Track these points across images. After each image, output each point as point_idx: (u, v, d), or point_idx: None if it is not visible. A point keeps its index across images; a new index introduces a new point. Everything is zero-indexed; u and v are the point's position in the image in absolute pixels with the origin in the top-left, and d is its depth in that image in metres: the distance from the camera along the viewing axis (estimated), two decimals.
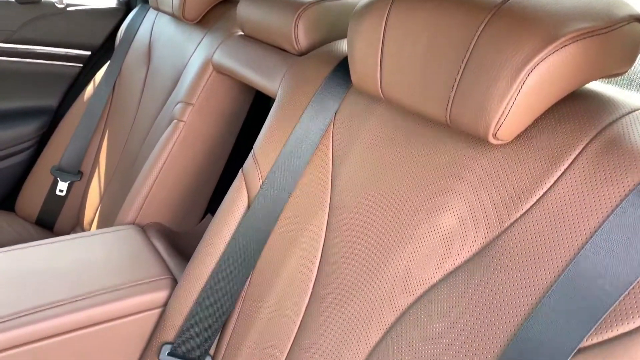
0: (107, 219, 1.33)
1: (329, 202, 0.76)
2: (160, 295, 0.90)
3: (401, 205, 0.67)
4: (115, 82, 1.51)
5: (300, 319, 0.76)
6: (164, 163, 1.13)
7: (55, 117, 1.68)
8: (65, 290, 0.85)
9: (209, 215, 1.28)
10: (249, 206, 0.84)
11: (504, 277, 0.55)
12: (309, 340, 0.74)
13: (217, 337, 0.85)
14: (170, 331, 0.86)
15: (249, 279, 0.83)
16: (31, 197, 1.54)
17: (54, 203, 1.51)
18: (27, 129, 1.61)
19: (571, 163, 0.55)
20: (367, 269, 0.69)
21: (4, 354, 0.77)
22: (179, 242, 1.12)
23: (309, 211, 0.78)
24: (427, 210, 0.64)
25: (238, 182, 0.86)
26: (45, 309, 0.81)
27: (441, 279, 0.61)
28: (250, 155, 0.87)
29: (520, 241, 0.55)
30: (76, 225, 1.50)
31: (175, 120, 1.15)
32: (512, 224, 0.56)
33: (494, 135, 0.57)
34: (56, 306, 0.82)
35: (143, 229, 1.10)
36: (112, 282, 0.89)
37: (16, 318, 0.78)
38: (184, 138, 1.14)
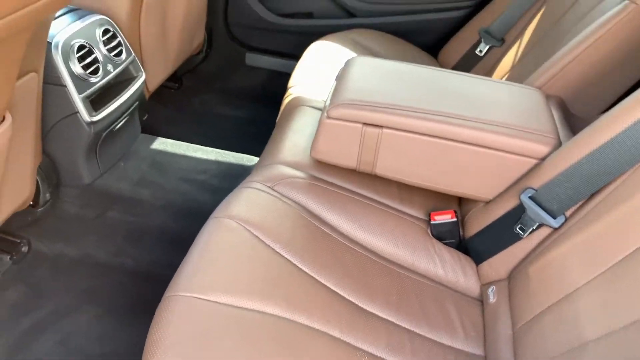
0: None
1: None
2: (542, 149, 0.97)
3: None
4: None
5: None
6: (595, 40, 1.11)
7: None
8: (471, 110, 1.01)
9: None
10: None
11: None
12: None
13: (581, 203, 0.89)
14: (539, 180, 0.93)
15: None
16: (454, 49, 1.76)
17: (470, 59, 1.70)
18: None
19: None
20: None
21: (419, 136, 0.99)
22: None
23: None
24: None
25: None
26: (453, 117, 0.99)
27: None
28: None
29: None
30: None
31: (626, 1, 1.09)
32: None
33: None
34: (461, 119, 0.99)
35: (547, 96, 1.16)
36: (507, 120, 1.00)
37: (434, 115, 0.99)
38: (629, 20, 1.08)
